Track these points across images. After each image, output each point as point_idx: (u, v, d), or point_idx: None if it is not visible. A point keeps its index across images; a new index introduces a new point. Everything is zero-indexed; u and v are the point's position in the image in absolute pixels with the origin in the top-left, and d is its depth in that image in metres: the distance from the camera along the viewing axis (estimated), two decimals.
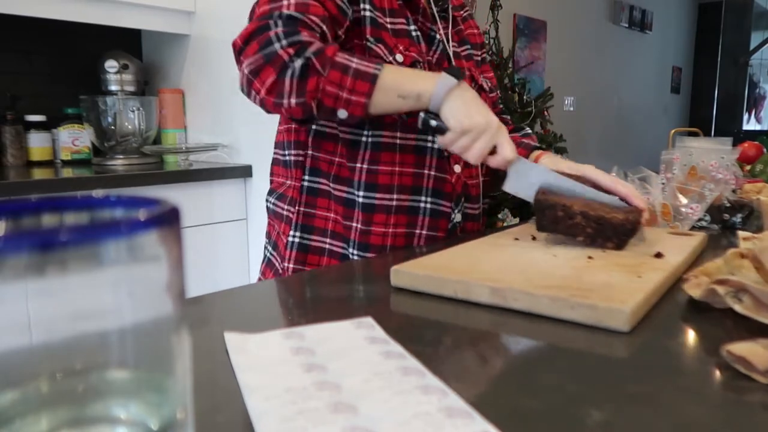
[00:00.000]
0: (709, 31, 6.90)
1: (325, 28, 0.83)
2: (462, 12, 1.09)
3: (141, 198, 0.26)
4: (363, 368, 0.43)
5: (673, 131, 4.24)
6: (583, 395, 0.40)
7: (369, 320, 0.53)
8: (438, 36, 0.97)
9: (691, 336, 0.52)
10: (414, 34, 0.93)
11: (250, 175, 1.99)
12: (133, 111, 2.01)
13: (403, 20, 0.93)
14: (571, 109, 4.88)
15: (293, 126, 0.95)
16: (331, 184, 0.93)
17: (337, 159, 0.92)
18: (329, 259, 0.94)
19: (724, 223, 1.02)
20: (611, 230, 0.73)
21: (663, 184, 1.05)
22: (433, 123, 0.82)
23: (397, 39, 0.90)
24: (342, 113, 0.80)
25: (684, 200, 0.99)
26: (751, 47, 6.86)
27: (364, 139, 0.91)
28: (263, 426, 0.35)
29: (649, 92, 6.22)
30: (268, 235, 1.02)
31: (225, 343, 0.48)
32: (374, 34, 0.88)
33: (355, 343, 0.48)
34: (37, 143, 1.96)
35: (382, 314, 0.55)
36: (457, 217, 0.97)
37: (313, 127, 0.93)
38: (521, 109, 3.16)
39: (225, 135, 2.09)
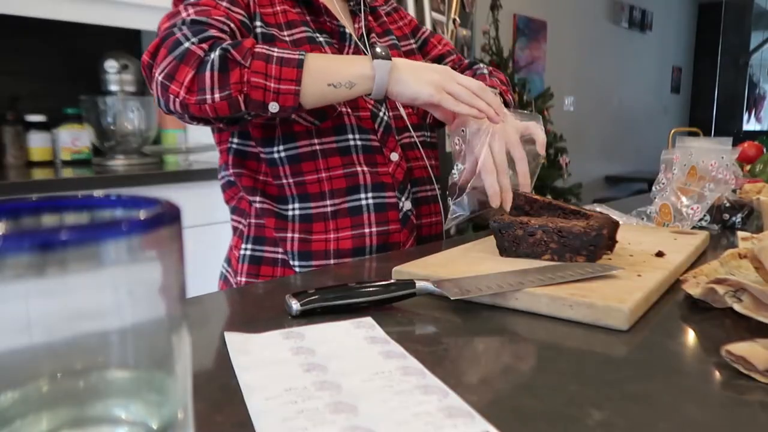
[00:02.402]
0: (709, 31, 6.91)
1: (232, 26, 0.80)
2: (386, 7, 1.09)
3: (141, 198, 0.26)
4: (363, 368, 0.43)
5: (673, 131, 4.25)
6: (583, 395, 0.40)
7: (369, 320, 0.53)
8: (348, 31, 0.94)
9: (690, 335, 0.52)
10: (319, 39, 0.90)
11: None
12: (133, 111, 2.01)
13: (303, 29, 0.90)
14: (571, 109, 4.88)
15: (223, 147, 0.94)
16: (258, 198, 0.91)
17: (261, 177, 0.91)
18: (283, 269, 0.91)
19: (724, 223, 1.02)
20: (577, 241, 0.67)
21: (663, 184, 1.05)
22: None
23: (296, 48, 0.86)
24: (273, 106, 0.75)
25: (684, 200, 0.99)
26: (751, 47, 6.86)
27: (276, 155, 0.88)
28: (263, 426, 0.35)
29: (649, 92, 6.22)
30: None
31: (225, 343, 0.48)
32: None
33: (355, 343, 0.48)
34: (37, 143, 1.96)
35: (382, 314, 0.55)
36: (407, 205, 0.93)
37: (233, 146, 0.91)
38: (521, 109, 3.16)
39: None
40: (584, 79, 5.06)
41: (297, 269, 0.90)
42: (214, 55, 0.73)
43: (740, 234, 0.81)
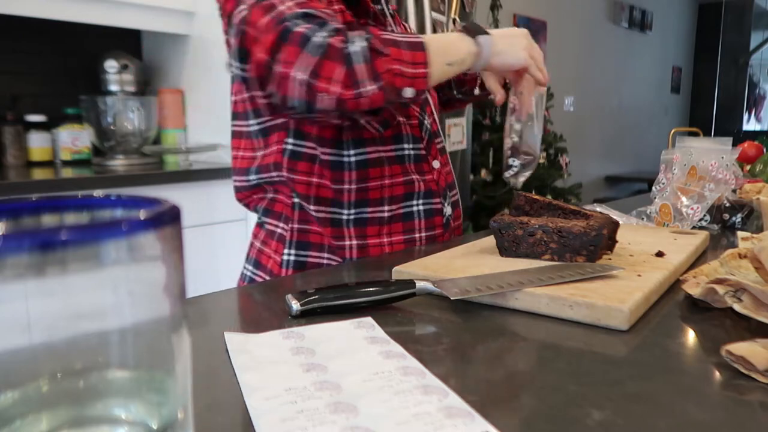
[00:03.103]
0: (709, 31, 6.91)
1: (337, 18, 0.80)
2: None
3: (141, 198, 0.26)
4: (363, 368, 0.43)
5: (673, 131, 4.25)
6: (583, 395, 0.40)
7: (369, 320, 0.53)
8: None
9: (690, 335, 0.52)
10: None
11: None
12: (133, 111, 2.01)
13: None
14: (571, 109, 4.88)
15: (272, 149, 0.89)
16: (312, 206, 0.88)
17: (315, 180, 0.87)
18: None
19: (724, 223, 1.02)
20: (577, 242, 0.67)
21: (663, 184, 1.05)
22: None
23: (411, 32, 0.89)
24: (408, 92, 0.76)
25: (684, 200, 0.99)
26: (751, 47, 6.86)
27: (346, 159, 0.87)
28: (263, 426, 0.35)
29: (649, 92, 6.22)
30: (248, 254, 0.97)
31: (225, 343, 0.48)
32: None
33: (355, 343, 0.48)
34: (37, 143, 1.96)
35: (382, 314, 0.55)
36: (448, 210, 0.97)
37: (289, 147, 0.87)
38: None
39: (225, 135, 2.08)
40: (584, 79, 5.06)
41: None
42: (357, 47, 0.73)
43: (740, 234, 0.81)
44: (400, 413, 0.36)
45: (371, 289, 0.57)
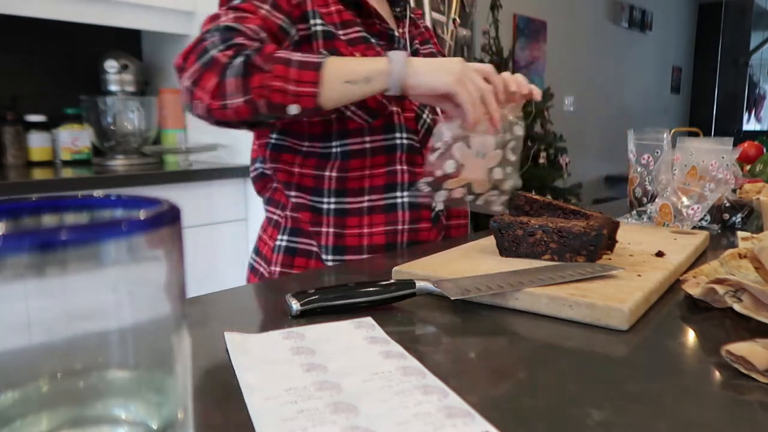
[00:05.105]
0: (709, 31, 6.90)
1: (263, 36, 0.81)
2: (423, 21, 1.13)
3: (141, 198, 0.26)
4: (363, 368, 0.43)
5: (673, 131, 4.24)
6: (583, 395, 0.40)
7: (369, 320, 0.53)
8: (397, 34, 0.97)
9: (690, 335, 0.52)
10: (372, 40, 0.92)
11: (250, 175, 1.99)
12: (133, 111, 2.01)
13: (357, 28, 0.91)
14: (571, 109, 4.88)
15: (260, 142, 0.96)
16: (293, 193, 0.93)
17: (296, 170, 0.92)
18: (316, 261, 0.93)
19: (724, 223, 1.02)
20: (577, 242, 0.67)
21: (663, 184, 1.05)
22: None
23: (353, 47, 0.89)
24: (293, 108, 0.76)
25: (685, 200, 0.99)
26: (751, 47, 6.85)
27: (333, 149, 0.90)
28: (263, 426, 0.35)
29: (649, 92, 6.22)
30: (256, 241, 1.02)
31: (225, 343, 0.48)
32: (327, 47, 0.87)
33: (355, 343, 0.48)
34: (37, 143, 1.95)
35: (382, 314, 0.55)
36: (439, 205, 0.94)
37: (272, 141, 0.93)
38: (521, 109, 3.16)
39: (225, 135, 2.09)
40: (584, 79, 5.06)
41: (330, 263, 0.91)
42: (237, 62, 0.75)
43: (740, 234, 0.81)
44: (400, 413, 0.36)
45: (371, 289, 0.57)
